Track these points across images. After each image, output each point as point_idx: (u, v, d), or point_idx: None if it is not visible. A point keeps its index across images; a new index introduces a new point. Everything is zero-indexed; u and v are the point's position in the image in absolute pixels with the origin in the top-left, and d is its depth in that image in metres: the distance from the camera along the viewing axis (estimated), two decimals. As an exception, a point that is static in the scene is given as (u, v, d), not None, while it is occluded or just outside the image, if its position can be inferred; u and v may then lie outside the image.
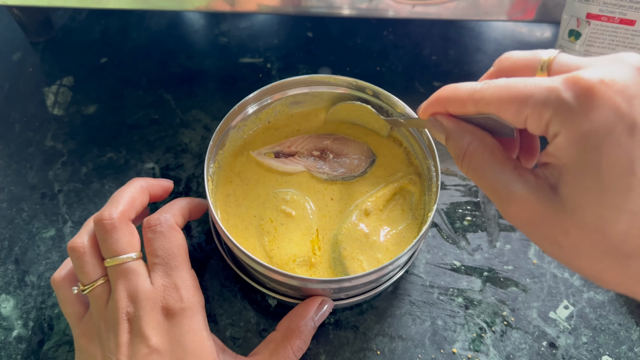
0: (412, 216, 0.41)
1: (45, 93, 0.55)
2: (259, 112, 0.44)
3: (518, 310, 0.42)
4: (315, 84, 0.44)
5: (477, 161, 0.27)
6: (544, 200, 0.24)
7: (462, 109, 0.28)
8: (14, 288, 0.43)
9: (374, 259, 0.38)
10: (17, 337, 0.41)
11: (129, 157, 0.50)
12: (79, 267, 0.34)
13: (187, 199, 0.39)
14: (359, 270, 0.37)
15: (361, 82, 0.43)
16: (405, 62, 0.58)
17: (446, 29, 0.61)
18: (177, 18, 0.62)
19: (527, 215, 0.24)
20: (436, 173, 0.39)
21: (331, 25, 0.61)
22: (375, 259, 0.38)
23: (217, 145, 0.41)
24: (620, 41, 0.44)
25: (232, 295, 0.43)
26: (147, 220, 0.35)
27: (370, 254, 0.38)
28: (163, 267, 0.34)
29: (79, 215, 0.47)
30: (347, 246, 0.39)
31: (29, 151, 0.51)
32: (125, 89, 0.55)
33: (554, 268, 0.44)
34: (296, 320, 0.37)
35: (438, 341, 0.41)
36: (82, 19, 0.62)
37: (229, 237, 0.35)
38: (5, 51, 0.59)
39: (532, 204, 0.24)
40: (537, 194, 0.24)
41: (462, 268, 0.44)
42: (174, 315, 0.33)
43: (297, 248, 0.39)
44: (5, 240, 0.46)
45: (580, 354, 0.40)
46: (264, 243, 0.39)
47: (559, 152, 0.23)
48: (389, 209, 0.41)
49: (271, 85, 0.42)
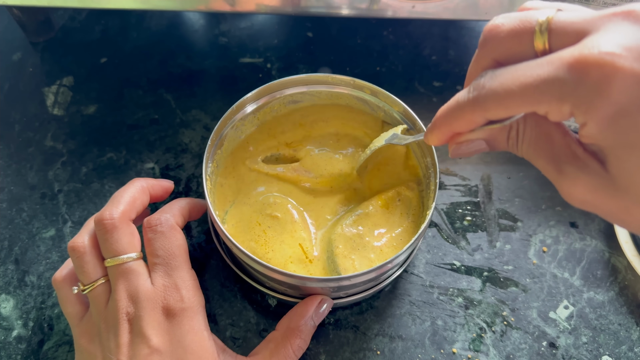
0: (409, 216, 0.41)
1: (45, 93, 0.55)
2: (257, 111, 0.44)
3: (518, 310, 0.42)
4: (314, 83, 0.44)
5: (531, 145, 0.25)
6: (595, 179, 0.23)
7: (470, 125, 0.26)
8: (14, 288, 0.43)
9: (366, 259, 0.38)
10: (17, 337, 0.41)
11: (129, 157, 0.50)
12: (79, 267, 0.34)
13: (187, 199, 0.39)
14: (350, 269, 0.37)
15: (359, 82, 0.42)
16: (405, 62, 0.58)
17: (446, 29, 0.61)
18: (177, 18, 0.62)
19: (579, 195, 0.23)
20: (434, 171, 0.39)
21: (331, 25, 0.61)
22: (367, 259, 0.38)
23: (216, 145, 0.41)
24: (620, 41, 0.44)
25: (232, 295, 0.43)
26: (148, 220, 0.35)
27: (363, 254, 0.38)
28: (163, 267, 0.34)
29: (79, 215, 0.47)
30: (340, 244, 0.38)
31: (29, 151, 0.51)
32: (125, 89, 0.55)
33: (554, 268, 0.44)
34: (296, 320, 0.37)
35: (438, 341, 0.41)
36: (82, 19, 0.62)
37: (227, 237, 0.35)
38: (5, 51, 0.59)
39: (582, 183, 0.23)
40: (585, 172, 0.23)
41: (462, 268, 0.44)
42: (174, 315, 0.33)
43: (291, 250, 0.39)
44: (5, 240, 0.46)
45: (580, 354, 0.40)
46: (259, 243, 0.39)
47: (592, 138, 0.22)
48: (387, 209, 0.41)
49: (269, 84, 0.42)
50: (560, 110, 0.21)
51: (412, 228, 0.40)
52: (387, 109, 0.43)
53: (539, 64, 0.22)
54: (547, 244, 0.45)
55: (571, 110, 0.21)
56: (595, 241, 0.45)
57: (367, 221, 0.40)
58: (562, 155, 0.24)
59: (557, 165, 0.24)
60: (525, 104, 0.22)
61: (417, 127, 0.41)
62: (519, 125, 0.25)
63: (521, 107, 0.23)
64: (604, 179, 0.22)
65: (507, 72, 0.23)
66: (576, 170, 0.23)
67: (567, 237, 0.46)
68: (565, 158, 0.24)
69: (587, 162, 0.23)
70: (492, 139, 0.26)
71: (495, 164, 0.50)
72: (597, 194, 0.23)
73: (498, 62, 0.25)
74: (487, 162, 0.50)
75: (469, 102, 0.25)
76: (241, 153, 0.44)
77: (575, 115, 0.21)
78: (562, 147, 0.24)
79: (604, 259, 0.45)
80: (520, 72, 0.22)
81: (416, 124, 0.41)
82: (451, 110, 0.26)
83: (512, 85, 0.22)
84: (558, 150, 0.24)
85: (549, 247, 0.45)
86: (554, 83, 0.21)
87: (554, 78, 0.21)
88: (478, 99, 0.24)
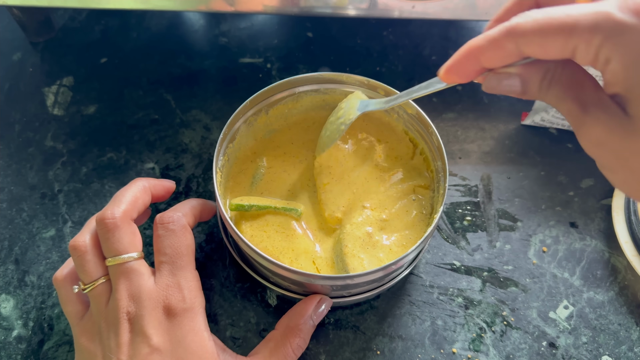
0: (418, 217, 0.41)
1: (45, 93, 0.55)
2: (268, 108, 0.44)
3: (518, 310, 0.42)
4: (327, 81, 0.43)
5: (563, 87, 0.26)
6: (614, 119, 0.24)
7: (501, 54, 0.26)
8: (14, 288, 0.43)
9: (375, 258, 0.38)
10: (17, 337, 0.41)
11: (129, 157, 0.50)
12: (80, 266, 0.34)
13: (198, 199, 0.39)
14: (359, 268, 0.37)
15: (373, 82, 0.42)
16: (405, 62, 0.58)
17: (446, 29, 0.61)
18: (177, 18, 0.62)
19: (598, 135, 0.25)
20: (444, 175, 0.39)
21: (331, 25, 0.61)
22: (377, 258, 0.38)
23: (228, 139, 0.41)
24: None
25: (232, 295, 0.43)
26: (161, 217, 0.35)
27: (372, 253, 0.38)
28: (169, 265, 0.34)
29: (79, 215, 0.47)
30: (348, 244, 0.38)
31: (29, 151, 0.51)
32: (125, 89, 0.55)
33: (553, 268, 0.44)
34: (295, 319, 0.37)
35: (438, 341, 0.41)
36: (82, 19, 0.62)
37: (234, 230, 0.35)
38: (5, 51, 0.59)
39: (602, 123, 0.24)
40: (607, 113, 0.24)
41: (462, 268, 0.44)
42: (175, 315, 0.33)
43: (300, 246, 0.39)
44: (5, 240, 0.46)
45: (580, 354, 0.40)
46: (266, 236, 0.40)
47: (616, 78, 0.23)
48: (396, 210, 0.41)
49: (281, 82, 0.42)
50: (590, 42, 0.23)
51: (421, 228, 0.40)
52: (400, 111, 0.43)
53: (581, 6, 0.23)
54: (547, 244, 0.45)
55: (601, 43, 0.22)
56: (595, 241, 0.45)
57: (376, 219, 0.40)
58: (588, 98, 0.25)
59: (582, 106, 0.25)
60: (561, 34, 0.23)
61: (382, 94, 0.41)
62: (556, 68, 0.26)
63: (557, 37, 0.23)
64: (624, 120, 0.24)
65: (549, 9, 0.24)
66: (599, 110, 0.25)
67: (567, 237, 0.46)
68: (591, 100, 0.25)
69: (609, 105, 0.24)
70: (527, 78, 0.27)
71: (495, 164, 0.50)
72: (614, 135, 0.24)
73: (539, 4, 0.27)
74: (487, 162, 0.50)
75: (507, 30, 0.25)
76: (252, 149, 0.45)
77: (602, 49, 0.23)
78: (590, 92, 0.25)
79: (604, 259, 0.45)
80: (561, 9, 0.24)
81: (429, 128, 0.40)
82: (484, 41, 0.26)
83: (553, 15, 0.24)
84: (586, 94, 0.25)
85: (548, 247, 0.45)
86: (595, 13, 0.23)
87: (596, 9, 0.23)
88: (517, 27, 0.24)
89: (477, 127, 0.53)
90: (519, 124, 0.53)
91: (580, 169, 0.50)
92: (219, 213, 0.41)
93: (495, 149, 0.51)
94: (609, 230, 0.46)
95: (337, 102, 0.45)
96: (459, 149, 0.51)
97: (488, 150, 0.51)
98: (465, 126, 0.52)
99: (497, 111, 0.54)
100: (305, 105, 0.45)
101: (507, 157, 0.50)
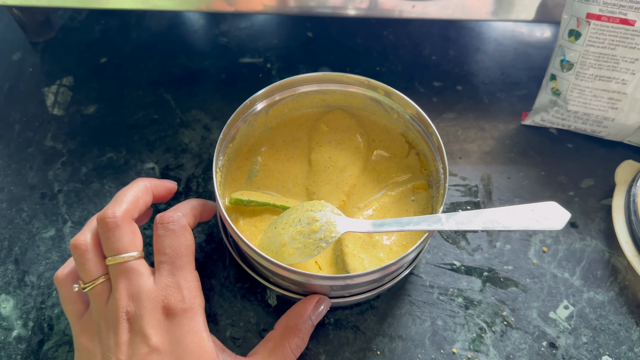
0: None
1: (45, 93, 0.55)
2: (268, 108, 0.44)
3: (518, 311, 0.42)
4: (327, 81, 0.44)
5: None
6: None
7: None
8: (14, 288, 0.43)
9: (376, 258, 0.38)
10: (17, 337, 0.41)
11: (129, 157, 0.50)
12: (81, 265, 0.34)
13: (199, 200, 0.39)
14: (359, 268, 0.37)
15: (373, 82, 0.42)
16: (405, 62, 0.58)
17: (446, 29, 0.61)
18: (177, 18, 0.62)
19: None
20: (444, 175, 0.39)
21: (331, 25, 0.61)
22: (377, 258, 0.38)
23: (227, 139, 0.41)
24: (620, 41, 0.44)
25: (232, 295, 0.43)
26: (161, 217, 0.35)
27: (373, 253, 0.38)
28: (169, 265, 0.34)
29: (78, 215, 0.47)
30: (349, 243, 0.38)
31: (29, 151, 0.51)
32: (125, 89, 0.55)
33: (554, 268, 0.44)
34: (294, 319, 0.37)
35: (438, 341, 0.41)
36: (82, 19, 0.62)
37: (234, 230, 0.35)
38: (5, 51, 0.59)
39: None
40: None
41: (462, 268, 0.44)
42: (174, 315, 0.33)
43: None
44: (5, 240, 0.46)
45: (580, 354, 0.40)
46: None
47: None
48: (396, 209, 0.41)
49: (282, 82, 0.42)
50: None
51: None
52: (400, 111, 0.43)
53: None
54: (547, 244, 0.45)
55: None
56: (595, 241, 0.45)
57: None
58: None
59: None
60: None
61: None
62: None
63: None
64: None
65: None
66: None
67: (567, 237, 0.46)
68: None
69: None
70: None
71: (495, 164, 0.50)
72: None
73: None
74: (487, 162, 0.50)
75: None
76: (251, 148, 0.45)
77: None
78: None
79: (604, 259, 0.45)
80: None
81: (429, 128, 0.40)
82: None
83: None
84: None
85: (549, 247, 0.45)
86: None
87: None
88: None
89: (477, 127, 0.52)
90: (519, 124, 0.53)
91: (581, 169, 0.50)
92: (219, 213, 0.41)
93: (496, 149, 0.51)
94: (609, 230, 0.46)
95: (337, 102, 0.46)
96: (459, 149, 0.51)
97: (488, 150, 0.51)
98: (466, 126, 0.52)
99: (498, 111, 0.54)
100: (305, 105, 0.45)
101: (507, 157, 0.50)
